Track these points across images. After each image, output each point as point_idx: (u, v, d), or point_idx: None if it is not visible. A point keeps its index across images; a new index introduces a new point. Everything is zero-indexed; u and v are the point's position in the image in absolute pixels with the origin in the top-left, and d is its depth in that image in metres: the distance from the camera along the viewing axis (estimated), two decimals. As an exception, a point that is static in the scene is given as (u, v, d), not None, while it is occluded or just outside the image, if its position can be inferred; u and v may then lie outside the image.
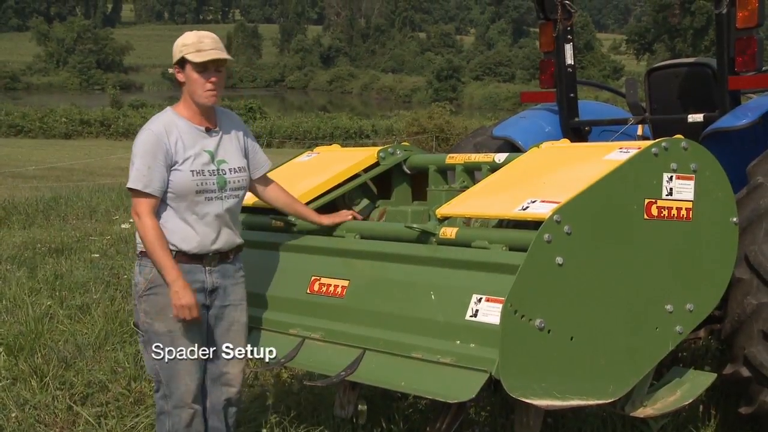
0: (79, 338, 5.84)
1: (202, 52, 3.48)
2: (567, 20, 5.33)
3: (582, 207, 3.08)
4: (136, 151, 3.47)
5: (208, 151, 3.54)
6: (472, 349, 3.02)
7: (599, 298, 3.11)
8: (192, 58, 3.48)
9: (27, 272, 7.92)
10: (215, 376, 3.68)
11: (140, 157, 3.45)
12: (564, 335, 3.01)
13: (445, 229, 3.40)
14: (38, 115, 43.19)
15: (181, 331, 3.50)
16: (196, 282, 3.53)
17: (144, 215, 3.44)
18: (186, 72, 3.52)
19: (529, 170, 3.63)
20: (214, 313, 3.63)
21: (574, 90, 5.46)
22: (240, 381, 3.73)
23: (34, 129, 41.96)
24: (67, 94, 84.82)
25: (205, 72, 3.50)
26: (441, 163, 4.31)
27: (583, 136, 5.46)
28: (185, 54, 3.48)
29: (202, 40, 3.49)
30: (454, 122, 38.15)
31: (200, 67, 3.49)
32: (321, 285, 3.65)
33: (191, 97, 3.54)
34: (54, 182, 18.57)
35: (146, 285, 3.50)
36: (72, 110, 45.01)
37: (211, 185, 3.52)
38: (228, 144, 3.62)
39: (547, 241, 2.96)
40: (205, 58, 3.48)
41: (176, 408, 3.57)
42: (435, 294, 3.22)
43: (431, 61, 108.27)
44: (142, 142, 3.47)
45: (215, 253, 3.57)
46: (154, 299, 3.50)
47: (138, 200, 3.45)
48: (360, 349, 3.39)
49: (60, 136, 41.28)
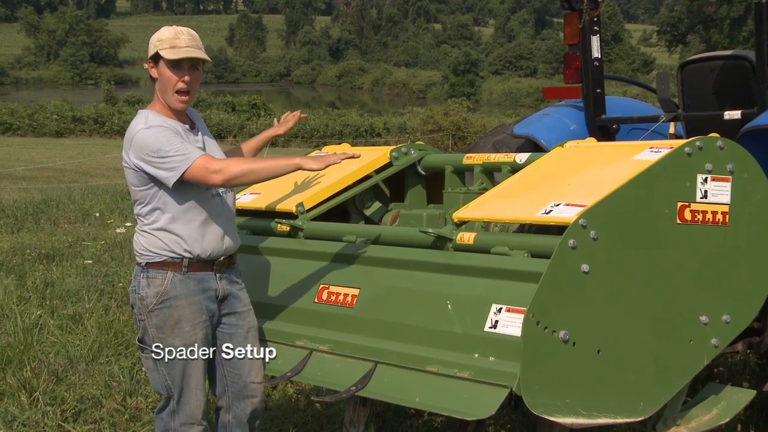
0: (71, 350, 5.87)
1: (176, 48, 3.50)
2: (593, 10, 5.34)
3: (609, 211, 3.08)
4: (155, 146, 3.38)
5: (200, 147, 3.59)
6: (492, 362, 3.02)
7: (628, 309, 3.11)
8: (166, 54, 3.49)
9: (15, 280, 7.96)
10: (238, 389, 3.72)
11: (165, 142, 3.38)
12: (590, 348, 3.01)
13: (462, 234, 3.41)
14: (27, 111, 43.38)
15: (197, 345, 3.54)
16: (209, 290, 3.56)
17: (217, 164, 3.36)
18: (159, 68, 3.53)
19: (552, 171, 3.63)
20: (229, 321, 3.68)
21: (601, 85, 5.46)
22: (263, 390, 3.78)
23: (23, 126, 42.16)
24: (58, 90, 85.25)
25: (179, 70, 3.53)
26: (458, 164, 4.31)
27: (610, 134, 5.46)
28: (159, 49, 3.50)
29: (178, 36, 3.51)
30: (472, 120, 38.12)
31: (173, 65, 3.51)
32: (330, 294, 3.66)
33: (161, 96, 3.56)
34: (44, 183, 18.67)
35: (158, 298, 3.51)
36: (63, 106, 45.19)
37: None
38: (208, 141, 3.69)
39: (571, 247, 2.96)
40: (179, 56, 3.50)
41: (184, 425, 3.60)
42: (452, 304, 3.22)
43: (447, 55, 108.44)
44: (157, 131, 3.42)
45: (225, 257, 3.62)
46: (168, 313, 3.52)
47: (199, 168, 3.35)
48: (371, 362, 3.39)
49: (51, 134, 41.47)
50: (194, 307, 3.54)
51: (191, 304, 3.54)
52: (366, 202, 4.40)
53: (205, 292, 3.56)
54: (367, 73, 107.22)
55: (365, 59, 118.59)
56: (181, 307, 3.51)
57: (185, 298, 3.53)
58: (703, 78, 5.45)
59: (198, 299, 3.55)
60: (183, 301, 3.52)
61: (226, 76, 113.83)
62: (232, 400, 3.73)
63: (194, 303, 3.54)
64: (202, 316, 3.57)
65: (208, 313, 3.58)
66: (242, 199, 4.33)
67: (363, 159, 4.38)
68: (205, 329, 3.58)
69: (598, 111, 5.44)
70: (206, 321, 3.58)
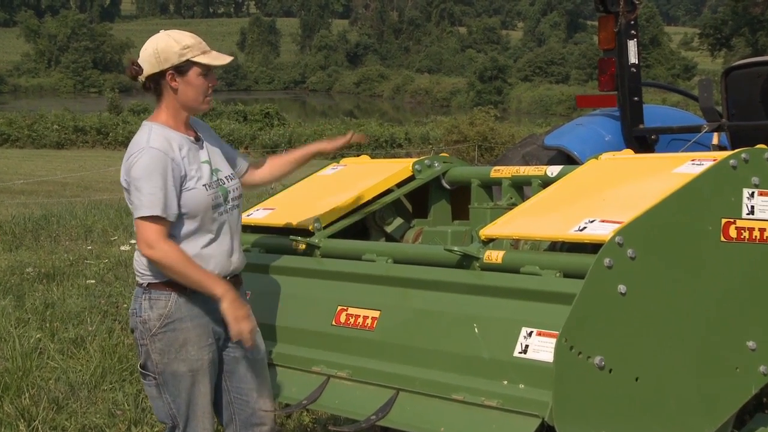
0: (72, 376, 5.90)
1: (208, 53, 3.56)
2: (630, 13, 5.34)
3: (648, 228, 3.07)
4: (140, 174, 3.42)
5: (205, 161, 3.61)
6: (522, 390, 3.01)
7: (668, 333, 3.10)
8: (202, 60, 3.53)
9: (13, 301, 8.01)
10: (246, 417, 3.72)
11: (147, 179, 3.41)
12: (627, 375, 3.00)
13: (490, 252, 3.41)
14: (27, 121, 43.82)
15: (203, 369, 3.55)
16: (216, 312, 3.55)
17: (159, 242, 3.40)
18: (188, 77, 3.55)
19: (586, 185, 3.64)
20: (235, 345, 3.67)
21: (639, 93, 5.45)
22: (273, 418, 3.78)
23: (22, 137, 42.59)
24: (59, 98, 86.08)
25: (209, 76, 3.59)
26: (485, 177, 4.32)
27: (648, 145, 5.45)
28: (192, 57, 3.53)
29: (200, 40, 3.58)
30: (500, 129, 38.19)
31: (207, 70, 3.57)
32: (348, 316, 3.67)
33: (186, 104, 3.58)
34: (44, 198, 18.82)
35: (161, 321, 3.51)
36: (65, 116, 45.65)
37: (219, 198, 3.59)
38: (213, 152, 3.70)
39: (607, 267, 2.96)
40: (221, 61, 3.57)
41: None
42: (479, 327, 3.22)
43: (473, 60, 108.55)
44: (148, 162, 3.43)
45: (232, 276, 3.63)
46: (172, 336, 3.52)
47: (151, 227, 3.40)
48: (393, 389, 3.39)
49: (51, 146, 41.86)
50: (200, 329, 3.55)
51: (197, 326, 3.54)
52: (387, 219, 4.41)
53: (211, 313, 3.55)
54: (387, 79, 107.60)
55: (385, 65, 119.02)
56: (187, 330, 3.51)
57: (191, 320, 3.53)
58: (749, 84, 5.44)
59: (204, 321, 3.55)
60: (188, 324, 3.52)
61: (237, 83, 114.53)
62: (239, 428, 3.73)
63: (200, 325, 3.55)
64: (209, 339, 3.57)
65: (214, 335, 3.59)
66: (255, 215, 4.35)
67: (384, 172, 4.40)
68: (211, 353, 3.59)
69: (636, 120, 5.43)
70: (212, 344, 3.59)
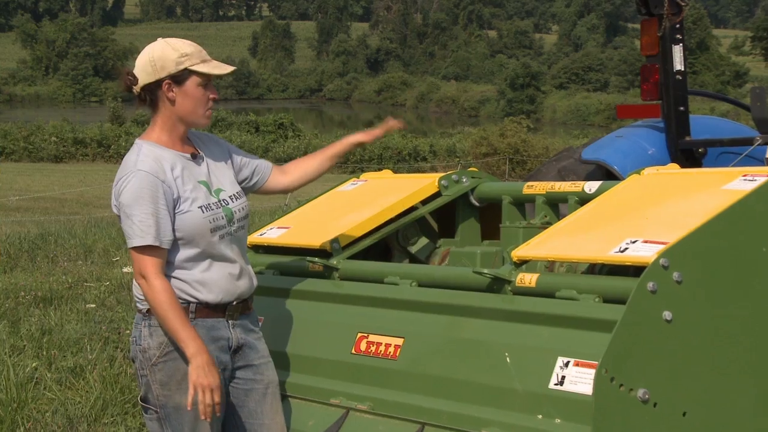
0: (70, 408, 5.91)
1: (208, 62, 3.57)
2: (675, 15, 5.34)
3: (695, 249, 3.07)
4: (129, 200, 3.44)
5: (202, 182, 3.59)
6: (558, 425, 3.01)
7: (719, 364, 3.09)
8: (202, 69, 3.54)
9: (8, 326, 8.03)
10: None
11: (137, 205, 3.43)
12: (673, 410, 2.99)
13: (522, 275, 3.41)
14: (23, 133, 44.14)
15: None
16: (221, 340, 3.57)
17: (153, 276, 3.43)
18: (186, 87, 3.56)
19: (628, 203, 3.64)
20: (244, 376, 3.67)
21: (685, 102, 5.45)
22: None
23: (18, 150, 42.93)
24: (57, 108, 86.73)
25: (208, 86, 3.60)
26: (517, 194, 4.33)
27: (695, 159, 5.44)
28: (191, 65, 3.53)
29: (200, 49, 3.58)
30: (533, 142, 38.18)
31: (206, 80, 3.58)
32: (369, 344, 3.68)
33: (184, 118, 3.59)
34: (41, 215, 18.92)
35: (161, 349, 3.52)
36: (64, 127, 45.93)
37: (221, 219, 3.58)
38: (217, 169, 3.68)
39: (651, 291, 2.95)
40: (221, 71, 3.58)
41: None
42: (511, 356, 3.22)
43: (503, 66, 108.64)
44: (137, 186, 3.44)
45: (238, 302, 3.63)
46: (173, 366, 3.52)
47: (144, 259, 3.43)
48: (417, 423, 3.40)
49: (49, 159, 42.14)
50: None
51: None
52: (411, 238, 4.42)
53: (216, 341, 3.55)
54: (410, 87, 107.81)
55: (408, 72, 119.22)
56: None
57: None
58: (806, 93, 5.42)
59: (208, 350, 3.53)
60: None
61: (249, 91, 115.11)
62: None
63: None
64: None
65: (219, 365, 3.57)
66: (269, 234, 4.37)
67: (407, 188, 4.40)
68: None
69: (681, 132, 5.43)
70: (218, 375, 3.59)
